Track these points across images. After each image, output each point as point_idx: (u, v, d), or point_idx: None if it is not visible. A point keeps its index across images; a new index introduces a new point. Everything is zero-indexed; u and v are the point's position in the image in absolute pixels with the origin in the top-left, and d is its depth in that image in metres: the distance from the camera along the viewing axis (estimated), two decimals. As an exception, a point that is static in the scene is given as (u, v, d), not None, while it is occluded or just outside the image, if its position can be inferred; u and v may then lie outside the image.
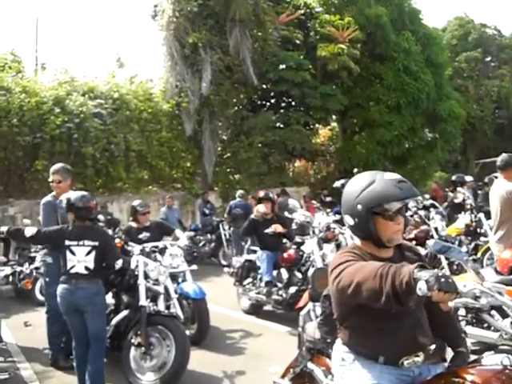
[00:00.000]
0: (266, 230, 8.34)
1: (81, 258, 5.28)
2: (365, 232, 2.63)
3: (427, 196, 13.55)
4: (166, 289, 6.46)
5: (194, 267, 7.66)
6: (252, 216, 8.90)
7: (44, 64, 19.71)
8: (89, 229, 5.49)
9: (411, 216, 9.40)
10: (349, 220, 2.67)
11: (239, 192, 14.71)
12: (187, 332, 6.22)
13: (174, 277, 7.01)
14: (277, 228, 8.33)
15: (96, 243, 5.34)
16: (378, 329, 2.56)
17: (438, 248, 3.92)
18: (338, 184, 8.76)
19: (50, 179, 6.61)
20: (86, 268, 5.27)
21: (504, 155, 6.25)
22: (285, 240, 8.62)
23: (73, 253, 5.28)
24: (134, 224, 7.78)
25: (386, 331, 2.56)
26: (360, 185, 2.61)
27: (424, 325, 2.68)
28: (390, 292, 2.17)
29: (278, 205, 9.72)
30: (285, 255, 8.29)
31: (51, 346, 6.45)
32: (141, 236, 7.45)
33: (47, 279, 6.49)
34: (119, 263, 5.59)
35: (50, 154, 14.13)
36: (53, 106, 14.54)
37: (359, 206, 2.58)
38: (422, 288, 2.06)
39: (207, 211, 15.83)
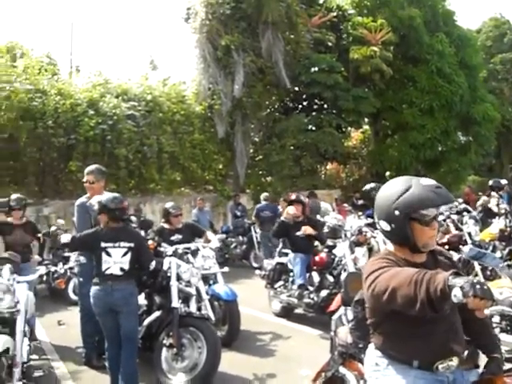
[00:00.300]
0: (298, 233, 8.32)
1: (117, 259, 5.33)
2: (401, 237, 2.62)
3: (460, 200, 13.38)
4: (198, 290, 6.47)
5: (226, 269, 7.65)
6: (282, 218, 8.89)
7: (78, 67, 20.15)
8: (123, 230, 5.54)
9: (444, 220, 9.30)
10: (384, 225, 2.64)
11: (264, 195, 14.79)
12: (218, 333, 6.24)
13: (205, 278, 7.02)
14: (306, 230, 8.29)
15: (132, 244, 5.40)
16: (412, 334, 2.54)
17: (473, 254, 3.89)
18: (367, 187, 8.66)
19: (83, 180, 6.68)
20: (121, 269, 5.32)
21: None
22: (316, 243, 8.59)
23: (109, 254, 5.33)
24: (166, 225, 7.81)
25: (421, 336, 2.53)
26: (396, 190, 2.59)
27: (458, 330, 2.65)
28: (424, 299, 2.16)
29: (309, 207, 9.67)
30: (316, 258, 8.26)
31: (85, 345, 6.52)
32: (173, 238, 7.48)
33: (81, 279, 6.58)
34: (153, 264, 5.66)
35: (84, 156, 14.33)
36: (87, 107, 14.77)
37: (396, 212, 2.56)
38: (457, 295, 2.03)
39: (239, 213, 15.82)
